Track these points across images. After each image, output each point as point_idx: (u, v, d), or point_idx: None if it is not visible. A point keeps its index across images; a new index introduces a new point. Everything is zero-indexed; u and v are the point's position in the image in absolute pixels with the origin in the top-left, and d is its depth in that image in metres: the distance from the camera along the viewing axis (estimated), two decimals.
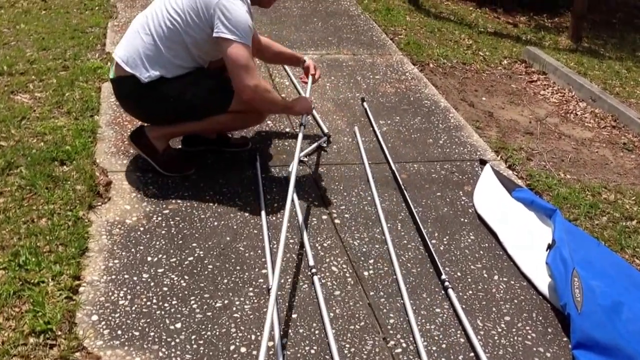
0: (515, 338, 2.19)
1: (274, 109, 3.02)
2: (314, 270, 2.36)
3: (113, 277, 2.27)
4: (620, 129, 3.90)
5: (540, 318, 2.30)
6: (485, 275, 2.48)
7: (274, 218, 2.67)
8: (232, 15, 2.53)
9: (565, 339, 2.21)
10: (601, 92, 4.26)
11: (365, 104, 3.73)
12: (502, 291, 2.41)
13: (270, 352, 2.02)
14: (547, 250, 2.44)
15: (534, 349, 2.16)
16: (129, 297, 2.19)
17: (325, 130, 3.37)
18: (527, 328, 2.24)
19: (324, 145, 3.27)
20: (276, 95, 2.91)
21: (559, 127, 3.90)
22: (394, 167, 3.09)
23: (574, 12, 5.73)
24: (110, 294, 2.19)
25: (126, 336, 2.03)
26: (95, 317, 2.09)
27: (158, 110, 2.74)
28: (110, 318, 2.09)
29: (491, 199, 2.89)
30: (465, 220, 2.80)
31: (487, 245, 2.65)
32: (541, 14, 6.67)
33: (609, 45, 5.92)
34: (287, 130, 3.39)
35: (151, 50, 2.64)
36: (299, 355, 2.03)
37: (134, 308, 2.14)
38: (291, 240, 2.54)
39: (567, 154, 3.53)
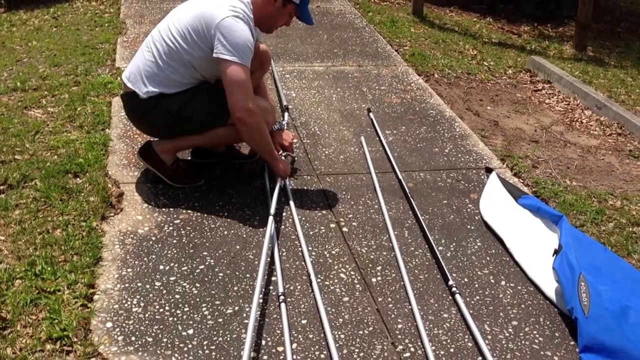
0: (523, 342, 2.22)
1: (259, 145, 2.82)
2: (312, 278, 2.39)
3: (126, 285, 2.32)
4: (626, 137, 3.93)
5: (548, 322, 2.32)
6: (492, 281, 2.51)
7: (283, 227, 2.72)
8: (232, 37, 2.58)
9: (572, 342, 2.23)
10: (606, 100, 4.30)
11: (371, 114, 3.78)
12: (509, 296, 2.43)
13: (281, 357, 2.06)
14: (553, 256, 2.47)
15: (542, 352, 2.18)
16: (142, 304, 2.24)
17: (285, 103, 3.54)
18: (535, 332, 2.27)
19: (284, 123, 3.27)
20: (267, 133, 2.81)
21: (564, 135, 3.93)
22: (400, 176, 3.13)
23: (578, 22, 5.78)
24: (123, 301, 2.24)
25: (140, 342, 2.07)
26: (109, 324, 2.13)
27: (160, 124, 2.81)
28: (124, 325, 2.14)
29: (497, 206, 2.92)
30: (472, 227, 2.83)
31: (493, 251, 2.69)
32: (545, 23, 6.74)
33: (614, 54, 5.96)
34: (295, 141, 3.45)
35: (150, 67, 2.72)
36: (308, 359, 2.07)
37: (147, 315, 2.19)
38: (300, 248, 2.58)
39: (572, 162, 3.57)
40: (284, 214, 2.79)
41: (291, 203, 2.84)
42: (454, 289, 2.40)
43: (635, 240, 2.82)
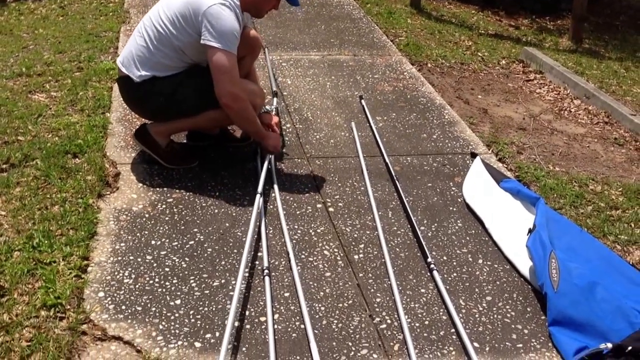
0: (495, 316, 2.32)
1: (248, 126, 2.98)
2: (290, 253, 2.52)
3: (119, 258, 2.44)
4: (613, 125, 4.02)
5: (521, 298, 2.42)
6: (470, 259, 2.61)
7: (271, 206, 2.83)
8: (218, 24, 2.68)
9: (543, 317, 2.33)
10: (595, 89, 4.38)
11: (363, 101, 3.88)
12: (485, 274, 2.54)
13: (263, 327, 2.17)
14: (527, 235, 2.57)
15: (513, 326, 2.28)
16: (133, 276, 2.36)
17: (274, 89, 3.72)
18: (507, 307, 2.37)
19: (273, 108, 3.50)
20: (254, 115, 2.92)
21: (552, 123, 4.02)
22: (387, 160, 3.23)
23: (574, 14, 5.84)
24: (116, 273, 2.36)
25: (129, 311, 2.20)
26: (101, 294, 2.26)
27: (153, 107, 2.92)
28: (115, 295, 2.26)
29: (479, 188, 3.02)
30: (454, 209, 2.93)
31: (473, 232, 2.79)
32: (543, 16, 6.79)
33: (610, 47, 6.01)
34: (288, 126, 3.56)
35: (142, 52, 2.83)
36: (288, 329, 2.18)
37: (137, 286, 2.31)
38: (287, 227, 2.69)
39: (558, 148, 3.66)
40: (273, 194, 2.91)
41: (275, 183, 2.95)
42: (432, 266, 2.51)
43: (612, 223, 2.92)
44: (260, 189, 2.76)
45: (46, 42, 4.69)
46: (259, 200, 2.70)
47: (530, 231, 2.56)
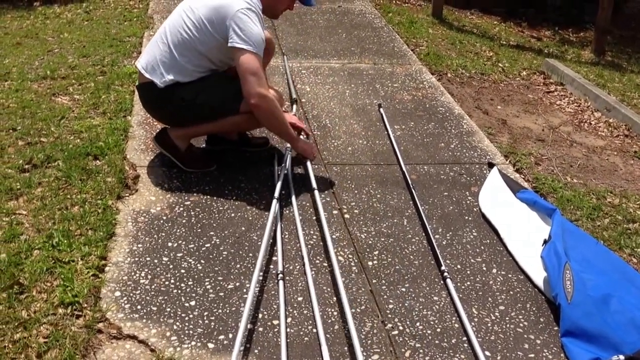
0: (508, 326, 2.31)
1: (277, 127, 2.98)
2: (305, 258, 2.53)
3: (136, 259, 2.48)
4: (633, 138, 3.98)
5: (534, 309, 2.41)
6: (484, 269, 2.61)
7: (287, 211, 2.85)
8: (246, 28, 2.74)
9: (556, 328, 2.32)
10: (616, 102, 4.34)
11: (381, 109, 3.90)
12: (499, 283, 2.53)
13: (276, 330, 2.19)
14: (542, 245, 2.56)
15: (525, 336, 2.27)
16: (149, 277, 2.39)
17: (294, 96, 3.72)
18: (520, 317, 2.36)
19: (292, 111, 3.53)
20: (283, 115, 2.95)
21: (571, 135, 4.00)
22: (404, 168, 3.24)
23: (597, 26, 5.80)
24: (132, 273, 2.40)
25: (145, 310, 2.23)
26: (118, 293, 2.30)
27: (175, 112, 2.97)
28: (131, 294, 2.30)
29: (496, 198, 3.01)
30: (470, 218, 2.93)
31: (488, 241, 2.78)
32: (566, 28, 6.75)
33: (633, 60, 5.96)
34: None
35: (166, 57, 2.88)
36: (301, 333, 2.19)
37: (153, 287, 2.35)
38: (303, 232, 2.71)
39: (576, 160, 3.63)
40: (289, 199, 2.93)
41: (292, 189, 2.97)
42: (445, 274, 2.51)
43: (628, 236, 2.89)
44: (276, 193, 2.79)
45: (71, 46, 4.80)
46: (275, 205, 2.72)
47: (545, 242, 2.55)
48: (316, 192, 2.88)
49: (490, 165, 3.35)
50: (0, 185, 2.85)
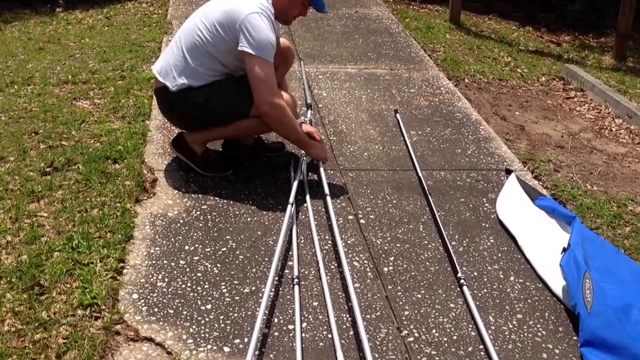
0: (526, 334, 2.29)
1: (289, 134, 3.01)
2: (320, 264, 2.51)
3: (153, 262, 2.50)
4: None
5: (553, 318, 2.38)
6: (502, 276, 2.59)
7: (303, 216, 2.86)
8: (256, 32, 2.75)
9: (575, 337, 2.29)
10: (638, 108, 4.29)
11: (398, 115, 3.89)
12: (516, 291, 2.51)
13: (291, 335, 2.19)
14: (562, 254, 2.53)
15: (543, 345, 2.25)
16: (166, 280, 2.41)
17: (309, 101, 3.69)
18: (538, 326, 2.34)
19: (306, 120, 3.50)
20: (295, 122, 2.97)
21: (591, 142, 3.95)
22: (420, 174, 3.23)
23: (618, 31, 5.74)
24: (150, 276, 2.42)
25: (162, 313, 2.25)
26: (135, 296, 2.32)
27: (188, 117, 3.00)
28: (148, 297, 2.32)
29: (514, 205, 2.99)
30: (487, 225, 2.91)
31: (506, 248, 2.76)
32: (586, 33, 6.69)
33: None
34: (322, 137, 3.59)
35: (179, 61, 2.91)
36: (316, 338, 2.19)
37: (170, 290, 2.36)
38: (318, 237, 2.71)
39: (596, 167, 3.59)
40: (305, 204, 2.93)
41: (308, 194, 2.97)
42: (462, 281, 2.50)
43: None
44: (292, 198, 2.80)
45: (92, 51, 4.86)
46: (291, 210, 2.73)
47: (564, 250, 2.53)
48: (328, 198, 2.88)
49: (508, 172, 3.32)
50: (22, 188, 2.89)
